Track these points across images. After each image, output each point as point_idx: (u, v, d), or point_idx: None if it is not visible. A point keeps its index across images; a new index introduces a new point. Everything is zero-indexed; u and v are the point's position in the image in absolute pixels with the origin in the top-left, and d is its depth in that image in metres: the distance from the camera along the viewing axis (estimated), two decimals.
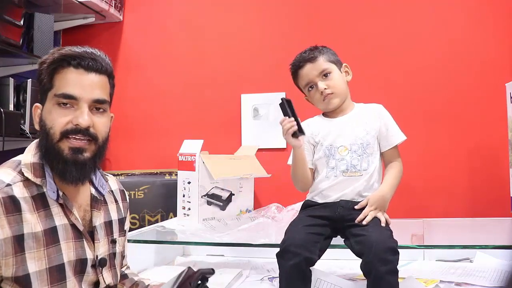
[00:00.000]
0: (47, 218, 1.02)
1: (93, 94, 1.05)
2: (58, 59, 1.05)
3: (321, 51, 1.51)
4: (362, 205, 1.38)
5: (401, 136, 1.48)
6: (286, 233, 1.36)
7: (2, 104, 2.15)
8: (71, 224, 1.06)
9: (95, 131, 1.06)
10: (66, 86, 1.04)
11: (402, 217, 2.05)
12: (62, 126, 1.03)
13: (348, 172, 1.43)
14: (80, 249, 1.06)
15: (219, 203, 2.05)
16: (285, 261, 1.27)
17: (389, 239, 1.27)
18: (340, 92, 1.48)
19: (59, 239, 1.02)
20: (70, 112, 1.04)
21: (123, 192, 1.30)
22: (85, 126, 1.03)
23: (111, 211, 1.21)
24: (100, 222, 1.14)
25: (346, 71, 1.54)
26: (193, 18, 2.61)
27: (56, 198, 1.04)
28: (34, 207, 1.00)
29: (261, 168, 2.26)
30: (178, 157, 2.05)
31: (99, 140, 1.07)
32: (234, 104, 2.50)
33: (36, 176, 1.03)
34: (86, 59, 1.05)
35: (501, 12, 2.18)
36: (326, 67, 1.48)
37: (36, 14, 2.28)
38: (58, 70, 1.05)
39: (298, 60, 1.52)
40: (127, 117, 2.62)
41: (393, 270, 1.21)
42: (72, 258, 1.04)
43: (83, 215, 1.11)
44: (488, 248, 1.59)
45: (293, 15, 2.46)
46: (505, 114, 1.91)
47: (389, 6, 2.33)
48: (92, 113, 1.06)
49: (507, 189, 1.88)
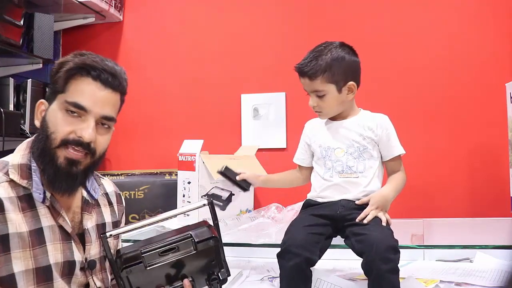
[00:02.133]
0: (33, 219, 1.01)
1: (103, 111, 1.04)
2: (79, 66, 1.04)
3: (327, 68, 1.39)
4: (363, 202, 1.38)
5: (400, 149, 1.48)
6: (287, 233, 1.35)
7: (2, 104, 2.15)
8: (59, 225, 1.05)
9: (95, 147, 1.05)
10: (79, 96, 1.02)
11: (402, 217, 2.05)
12: (64, 134, 1.02)
13: (343, 173, 1.43)
14: (68, 251, 1.05)
15: (219, 203, 2.05)
16: (286, 261, 1.27)
17: (390, 238, 1.28)
18: (328, 112, 1.47)
19: (45, 240, 1.01)
20: (76, 122, 1.02)
21: (119, 195, 1.29)
22: (88, 141, 1.02)
23: (105, 213, 1.20)
24: (92, 225, 1.13)
25: (349, 89, 1.44)
26: (193, 18, 2.61)
27: (42, 200, 1.03)
28: (20, 207, 1.00)
29: (261, 168, 2.26)
30: (178, 157, 2.05)
31: (96, 155, 1.06)
32: (234, 104, 2.50)
33: (22, 178, 1.02)
34: (106, 74, 1.04)
35: (501, 12, 2.18)
36: (321, 89, 1.41)
37: (36, 14, 2.28)
38: (76, 77, 1.04)
39: (299, 68, 1.44)
40: (127, 117, 2.60)
41: (394, 268, 1.21)
42: (59, 260, 1.03)
43: (72, 217, 1.10)
44: (488, 248, 1.59)
45: (293, 15, 2.46)
46: (505, 114, 1.91)
47: (389, 6, 2.33)
48: (97, 127, 1.05)
49: (507, 189, 1.88)
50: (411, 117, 2.23)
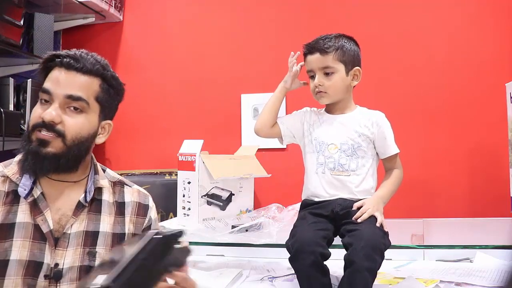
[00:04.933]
0: (10, 213, 1.02)
1: (66, 90, 1.05)
2: (48, 58, 1.08)
3: (339, 46, 1.44)
4: (358, 206, 1.37)
5: (396, 148, 1.48)
6: (293, 235, 1.32)
7: (2, 104, 2.15)
8: (35, 224, 1.03)
9: (63, 128, 1.04)
10: (46, 82, 1.07)
11: (402, 217, 2.05)
12: (34, 120, 1.05)
13: (335, 170, 1.43)
14: (37, 251, 1.02)
15: (219, 203, 2.05)
16: (302, 261, 1.24)
17: (380, 240, 1.26)
18: (333, 94, 1.46)
19: (13, 236, 1.01)
20: (45, 107, 1.05)
21: (144, 207, 1.21)
22: (48, 121, 1.03)
23: (103, 222, 1.12)
24: (77, 230, 1.07)
25: (355, 75, 1.48)
26: (193, 18, 2.61)
27: (25, 195, 1.04)
28: (3, 201, 1.03)
29: (261, 168, 2.26)
30: (178, 157, 2.05)
31: (67, 138, 1.05)
32: (234, 104, 2.50)
33: (17, 174, 1.06)
34: (69, 58, 1.06)
35: (501, 12, 2.18)
36: (331, 65, 1.44)
37: (36, 14, 2.28)
38: (47, 70, 1.08)
39: (312, 45, 1.47)
40: (127, 117, 2.62)
41: (374, 269, 1.20)
42: (24, 258, 1.01)
43: (59, 219, 1.07)
44: (488, 248, 1.60)
45: (293, 15, 2.46)
46: (505, 114, 1.91)
47: (389, 6, 2.33)
48: (66, 110, 1.06)
49: (507, 189, 1.88)
50: (411, 117, 2.23)
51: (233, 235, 1.80)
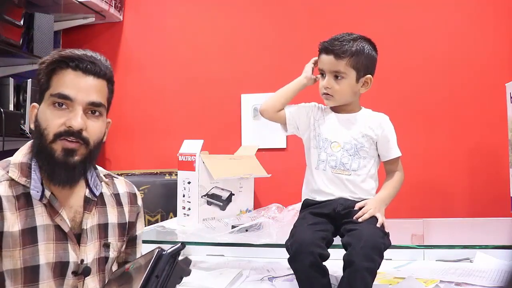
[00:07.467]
0: (27, 217, 1.01)
1: (89, 97, 1.04)
2: (57, 60, 1.05)
3: (355, 52, 1.41)
4: (360, 206, 1.37)
5: (398, 151, 1.48)
6: (292, 235, 1.32)
7: (2, 104, 2.15)
8: (55, 225, 1.04)
9: (88, 135, 1.05)
10: (62, 87, 1.03)
11: (402, 217, 2.05)
12: (56, 127, 1.02)
13: (336, 169, 1.42)
14: (62, 251, 1.04)
15: (219, 203, 2.05)
16: (301, 262, 1.24)
17: (380, 239, 1.26)
18: (339, 98, 1.46)
19: (37, 240, 1.01)
20: (64, 113, 1.03)
21: (133, 196, 1.26)
22: (77, 129, 1.02)
23: (109, 213, 1.17)
24: (91, 225, 1.11)
25: (365, 82, 1.47)
26: (193, 18, 2.61)
27: (39, 198, 1.03)
28: (16, 206, 1.00)
29: (261, 168, 2.26)
30: (178, 157, 2.05)
31: (90, 144, 1.06)
32: (234, 104, 2.50)
33: (22, 176, 1.03)
34: (85, 62, 1.05)
35: (501, 12, 2.18)
36: (343, 71, 1.42)
37: (36, 14, 2.28)
38: (56, 71, 1.05)
39: (329, 45, 1.44)
40: (127, 117, 2.62)
41: (373, 269, 1.20)
42: (51, 260, 1.02)
43: (73, 217, 1.09)
44: (488, 248, 1.59)
45: (293, 15, 2.46)
46: (505, 114, 1.91)
47: (389, 6, 2.33)
48: (87, 116, 1.05)
49: (507, 189, 1.88)
50: (411, 117, 2.23)
51: (233, 235, 1.80)
